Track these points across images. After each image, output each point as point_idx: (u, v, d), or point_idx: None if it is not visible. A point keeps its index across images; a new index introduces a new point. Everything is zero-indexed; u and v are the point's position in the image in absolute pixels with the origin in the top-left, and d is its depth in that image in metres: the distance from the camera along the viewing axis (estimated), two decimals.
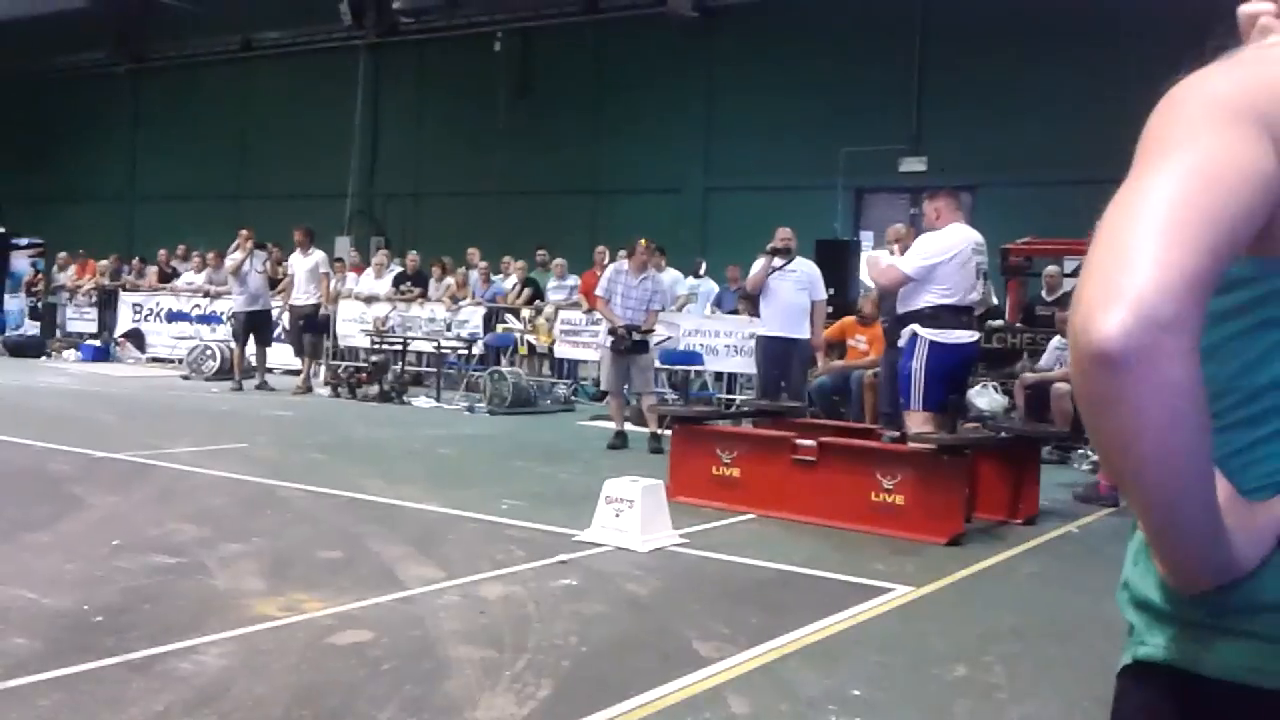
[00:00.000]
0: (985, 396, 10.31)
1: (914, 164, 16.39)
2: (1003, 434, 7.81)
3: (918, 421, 6.96)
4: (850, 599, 5.03)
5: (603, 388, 10.32)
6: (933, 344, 6.89)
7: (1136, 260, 0.90)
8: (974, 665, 4.19)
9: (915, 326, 6.99)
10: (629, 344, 9.84)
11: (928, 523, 6.34)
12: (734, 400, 12.47)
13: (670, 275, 14.12)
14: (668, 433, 8.30)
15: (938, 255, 6.97)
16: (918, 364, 6.90)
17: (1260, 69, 1.04)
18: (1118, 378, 0.89)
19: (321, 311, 14.34)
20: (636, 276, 10.01)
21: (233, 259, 14.31)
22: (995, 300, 8.60)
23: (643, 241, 10.18)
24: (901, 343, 7.29)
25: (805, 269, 10.13)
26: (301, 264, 14.14)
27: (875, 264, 7.53)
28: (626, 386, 10.53)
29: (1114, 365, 0.88)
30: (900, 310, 7.27)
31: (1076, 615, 5.01)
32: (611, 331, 9.97)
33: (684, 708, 3.58)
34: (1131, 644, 1.13)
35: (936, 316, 6.93)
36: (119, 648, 3.88)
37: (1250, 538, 1.03)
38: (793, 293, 9.86)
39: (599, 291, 10.19)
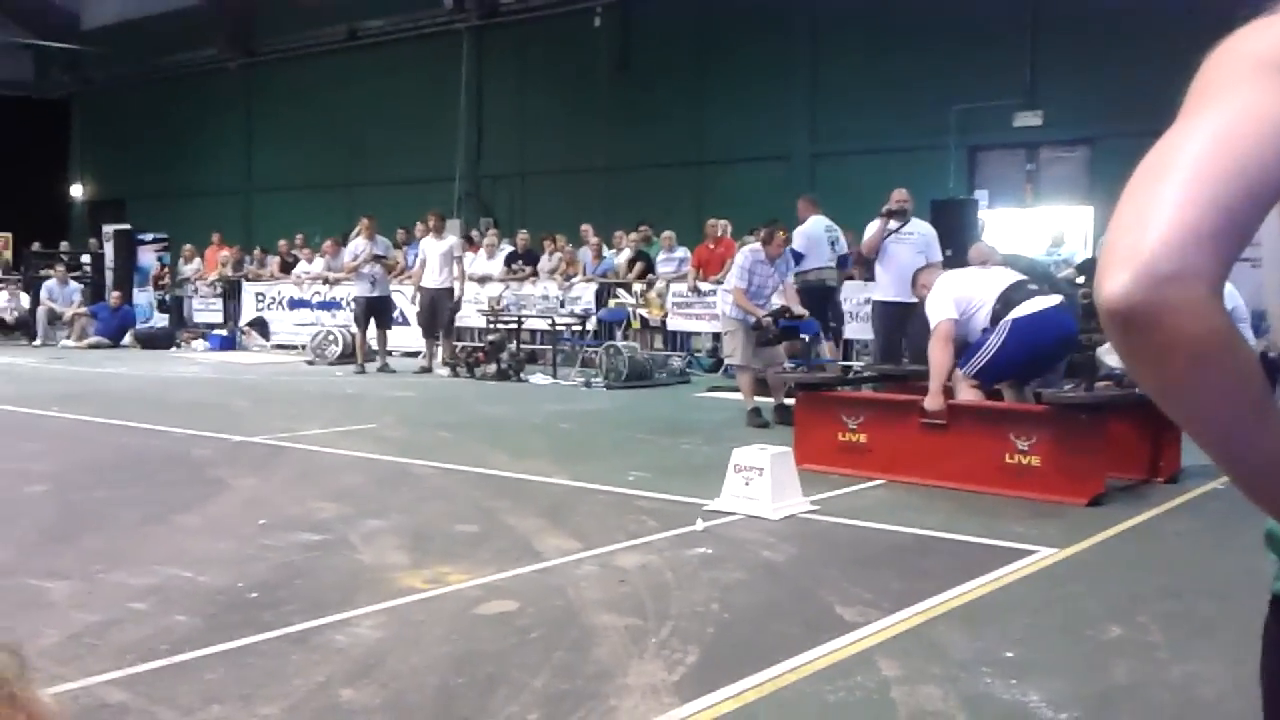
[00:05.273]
0: (1115, 354, 10.00)
1: (1029, 119, 15.87)
2: (1138, 390, 7.57)
3: (961, 385, 6.91)
4: (993, 562, 4.93)
5: (734, 364, 9.93)
6: (1014, 322, 6.76)
7: (1142, 221, 0.92)
8: (1129, 625, 4.07)
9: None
10: (775, 334, 9.51)
11: (1067, 483, 6.18)
12: (852, 366, 12.33)
13: None
14: (793, 401, 8.22)
15: (950, 290, 7.09)
16: (995, 339, 6.79)
17: None
18: (1130, 335, 0.91)
19: (456, 293, 14.37)
20: (773, 264, 9.72)
21: (354, 251, 14.63)
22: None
23: (781, 234, 9.89)
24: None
25: (922, 230, 9.92)
26: (434, 248, 14.25)
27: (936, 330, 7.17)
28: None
29: (1123, 324, 0.91)
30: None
31: (1230, 573, 4.83)
32: (756, 325, 9.49)
33: (834, 671, 3.55)
34: (1273, 580, 1.14)
35: (1006, 304, 6.86)
36: (276, 622, 4.00)
37: None
38: (910, 255, 9.65)
39: (739, 283, 9.60)
